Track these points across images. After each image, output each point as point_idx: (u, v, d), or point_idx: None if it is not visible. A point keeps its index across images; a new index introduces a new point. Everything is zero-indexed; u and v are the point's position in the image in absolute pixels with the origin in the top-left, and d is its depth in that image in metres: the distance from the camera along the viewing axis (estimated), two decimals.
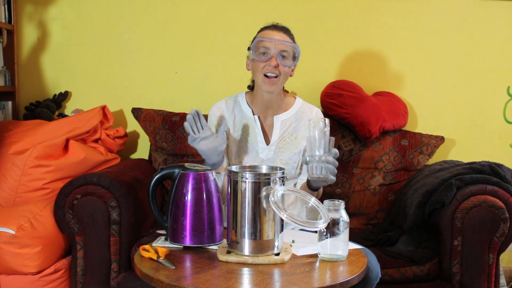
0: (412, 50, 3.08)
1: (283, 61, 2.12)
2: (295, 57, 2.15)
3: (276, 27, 2.17)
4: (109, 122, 2.89)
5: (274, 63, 2.10)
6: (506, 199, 2.24)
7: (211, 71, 3.08)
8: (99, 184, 2.24)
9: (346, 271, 1.62)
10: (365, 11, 3.06)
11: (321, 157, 1.86)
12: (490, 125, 3.12)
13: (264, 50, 2.12)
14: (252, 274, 1.58)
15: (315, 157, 1.87)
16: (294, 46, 2.14)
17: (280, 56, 2.11)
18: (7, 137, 2.61)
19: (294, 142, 2.22)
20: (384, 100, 2.93)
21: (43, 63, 3.08)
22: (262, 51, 2.12)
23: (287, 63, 2.13)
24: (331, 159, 1.88)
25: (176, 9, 3.06)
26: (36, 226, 2.24)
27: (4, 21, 2.91)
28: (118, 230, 2.25)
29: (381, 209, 2.78)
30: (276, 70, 2.11)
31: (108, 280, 2.26)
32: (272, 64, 2.10)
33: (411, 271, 2.28)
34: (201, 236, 1.75)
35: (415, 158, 2.83)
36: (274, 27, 2.17)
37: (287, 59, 2.13)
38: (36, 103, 3.00)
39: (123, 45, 3.07)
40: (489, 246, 2.25)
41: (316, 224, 1.63)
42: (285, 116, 2.24)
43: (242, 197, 1.67)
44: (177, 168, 1.81)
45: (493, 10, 3.05)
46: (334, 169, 1.89)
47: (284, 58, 2.12)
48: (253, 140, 2.21)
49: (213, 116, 2.24)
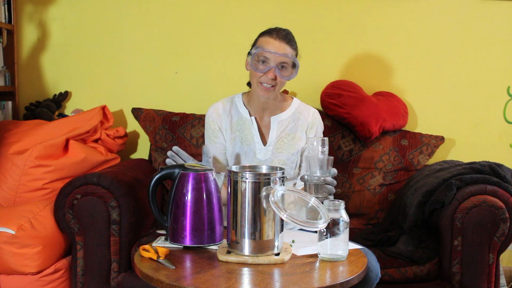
0: (412, 50, 3.08)
1: (281, 73, 2.09)
2: (295, 66, 2.11)
3: (278, 35, 2.10)
4: (109, 122, 2.89)
5: (272, 76, 2.08)
6: (506, 199, 2.24)
7: (211, 71, 3.08)
8: (99, 184, 2.24)
9: (346, 271, 1.62)
10: (365, 11, 3.06)
11: (320, 178, 1.86)
12: (490, 125, 3.12)
13: (263, 59, 2.09)
14: (252, 274, 1.58)
15: (314, 177, 1.86)
16: (294, 60, 2.10)
17: (279, 68, 2.08)
18: (7, 137, 2.61)
19: (292, 143, 2.22)
20: (384, 100, 2.93)
21: (43, 63, 3.08)
22: (261, 59, 2.09)
23: (285, 74, 2.10)
24: (329, 179, 1.87)
25: (176, 9, 3.06)
26: (36, 226, 2.24)
27: (4, 21, 2.91)
28: (118, 230, 2.25)
29: (381, 209, 2.78)
30: (273, 81, 2.10)
31: (108, 280, 2.26)
32: (269, 76, 2.08)
33: (411, 271, 2.28)
34: (201, 236, 1.75)
35: (415, 158, 2.83)
36: (276, 34, 2.10)
37: (285, 70, 2.10)
38: (36, 103, 3.00)
39: (123, 45, 3.07)
40: (489, 246, 2.25)
41: (316, 224, 1.63)
42: (282, 116, 2.24)
43: (242, 197, 1.67)
44: (177, 168, 1.81)
45: (493, 10, 3.05)
46: (332, 189, 1.88)
47: (283, 68, 2.09)
48: (250, 141, 2.21)
49: (210, 118, 2.25)
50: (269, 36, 2.11)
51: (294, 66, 2.12)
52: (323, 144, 1.88)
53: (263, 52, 2.07)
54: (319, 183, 1.85)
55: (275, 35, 2.10)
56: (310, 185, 1.86)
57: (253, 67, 2.10)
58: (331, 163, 1.88)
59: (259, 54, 2.08)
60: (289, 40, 2.11)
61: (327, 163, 1.86)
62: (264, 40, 2.12)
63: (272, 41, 2.09)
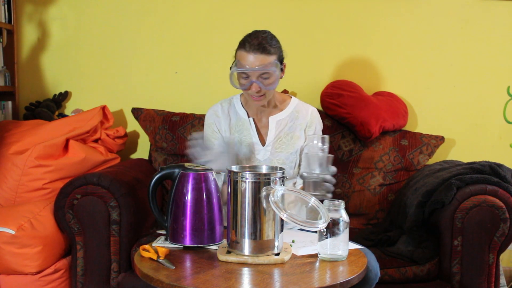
0: (412, 50, 3.08)
1: (264, 83, 2.05)
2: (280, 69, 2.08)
3: (251, 46, 2.02)
4: (109, 122, 2.89)
5: (256, 89, 2.06)
6: (506, 199, 2.24)
7: (211, 71, 3.08)
8: (99, 184, 2.24)
9: (346, 271, 1.62)
10: (365, 11, 3.06)
11: (318, 176, 1.85)
12: (490, 125, 3.12)
13: (244, 75, 2.07)
14: (252, 274, 1.58)
15: (313, 175, 1.85)
16: (273, 68, 2.04)
17: (261, 79, 2.05)
18: (7, 137, 2.61)
19: (291, 142, 2.22)
20: (384, 100, 2.93)
21: (43, 63, 3.08)
22: (242, 76, 2.07)
23: (269, 83, 2.06)
24: (328, 177, 1.86)
25: (176, 9, 3.06)
26: (36, 226, 2.24)
27: (4, 21, 2.91)
28: (118, 230, 2.25)
29: (381, 209, 2.78)
30: (259, 92, 2.08)
31: (108, 280, 2.26)
32: (253, 90, 2.06)
33: (411, 271, 2.28)
34: (201, 236, 1.75)
35: (415, 158, 2.83)
36: (249, 46, 2.03)
37: (269, 79, 2.06)
38: (36, 103, 3.00)
39: (123, 45, 3.07)
40: (489, 246, 2.25)
41: (316, 224, 1.63)
42: (281, 116, 2.24)
43: (242, 197, 1.67)
44: (177, 168, 1.81)
45: (493, 10, 3.05)
46: (331, 187, 1.88)
47: (266, 78, 2.05)
48: (249, 141, 2.21)
49: (209, 119, 2.26)
50: (243, 50, 2.05)
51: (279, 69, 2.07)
52: (323, 141, 1.88)
53: (240, 70, 2.05)
54: (318, 180, 1.85)
55: (248, 47, 2.04)
56: (309, 183, 1.86)
57: (235, 86, 2.09)
58: (331, 161, 1.88)
59: (233, 72, 2.07)
60: (263, 49, 2.03)
61: (327, 161, 1.86)
62: (239, 55, 2.07)
63: (246, 55, 2.04)
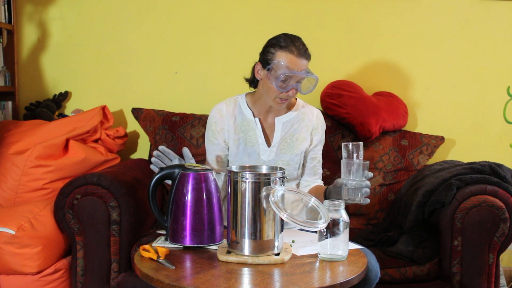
0: (412, 50, 3.08)
1: (301, 87, 2.09)
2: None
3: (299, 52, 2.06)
4: (109, 122, 2.89)
5: (293, 94, 2.09)
6: (506, 199, 2.24)
7: (211, 71, 3.08)
8: (99, 184, 2.24)
9: (346, 271, 1.62)
10: (365, 11, 3.06)
11: (358, 182, 1.87)
12: (490, 125, 3.12)
13: (285, 78, 2.05)
14: (252, 274, 1.58)
15: (352, 182, 1.87)
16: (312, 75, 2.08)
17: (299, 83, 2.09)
18: (7, 137, 2.61)
19: (296, 143, 2.22)
20: (384, 100, 2.93)
21: (43, 63, 3.08)
22: (282, 79, 2.05)
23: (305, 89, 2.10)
24: (367, 183, 1.88)
25: (176, 9, 3.06)
26: (36, 226, 2.24)
27: (4, 21, 2.91)
28: (118, 230, 2.25)
29: (381, 209, 2.78)
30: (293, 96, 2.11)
31: (108, 280, 2.26)
32: (290, 94, 2.08)
33: (411, 271, 2.28)
34: (201, 236, 1.75)
35: (415, 158, 2.83)
36: (297, 51, 2.05)
37: (304, 84, 2.10)
38: (36, 103, 3.00)
39: (123, 45, 3.07)
40: (489, 246, 2.25)
41: (316, 224, 1.63)
42: (287, 117, 2.24)
43: (242, 197, 1.67)
44: (177, 168, 1.81)
45: (493, 10, 3.05)
46: (368, 191, 1.89)
47: (300, 83, 2.09)
48: (254, 142, 2.21)
49: (213, 118, 2.24)
50: (290, 53, 2.05)
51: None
52: (358, 148, 1.90)
53: (289, 73, 2.03)
54: (358, 186, 1.86)
55: (296, 52, 2.06)
56: (348, 189, 1.87)
57: (275, 85, 2.06)
58: (367, 167, 1.90)
59: (281, 72, 2.03)
60: (308, 55, 2.10)
61: (363, 167, 1.88)
62: (285, 57, 2.05)
63: (294, 60, 2.05)
